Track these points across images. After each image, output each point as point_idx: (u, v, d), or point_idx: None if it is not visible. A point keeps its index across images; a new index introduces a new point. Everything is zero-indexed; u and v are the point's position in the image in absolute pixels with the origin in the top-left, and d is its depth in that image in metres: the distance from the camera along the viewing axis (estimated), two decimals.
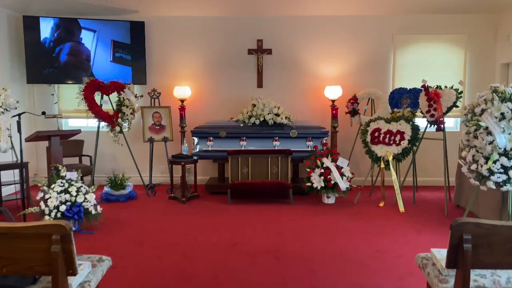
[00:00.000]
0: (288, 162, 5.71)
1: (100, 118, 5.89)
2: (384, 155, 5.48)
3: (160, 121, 6.31)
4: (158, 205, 5.57)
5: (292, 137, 5.93)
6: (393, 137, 5.52)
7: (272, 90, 6.63)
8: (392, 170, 5.43)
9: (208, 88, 6.71)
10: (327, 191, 5.45)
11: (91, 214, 4.49)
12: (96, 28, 6.37)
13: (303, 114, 6.62)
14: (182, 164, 5.62)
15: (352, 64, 6.63)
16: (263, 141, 5.96)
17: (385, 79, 6.64)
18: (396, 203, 5.46)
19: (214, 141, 5.98)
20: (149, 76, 6.65)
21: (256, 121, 6.01)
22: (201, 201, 5.74)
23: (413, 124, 5.49)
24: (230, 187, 5.56)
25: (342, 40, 6.60)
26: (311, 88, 6.66)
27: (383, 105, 6.18)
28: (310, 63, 6.64)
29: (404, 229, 4.53)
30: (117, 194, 5.75)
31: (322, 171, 5.47)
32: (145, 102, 6.49)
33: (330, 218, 4.92)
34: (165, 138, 6.30)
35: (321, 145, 5.94)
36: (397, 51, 6.59)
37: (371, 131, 5.69)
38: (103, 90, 5.95)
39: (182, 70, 6.68)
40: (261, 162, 5.75)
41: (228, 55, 6.65)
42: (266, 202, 5.57)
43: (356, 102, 6.24)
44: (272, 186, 5.55)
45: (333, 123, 6.16)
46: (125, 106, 5.99)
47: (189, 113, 6.60)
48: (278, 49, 6.63)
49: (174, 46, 6.64)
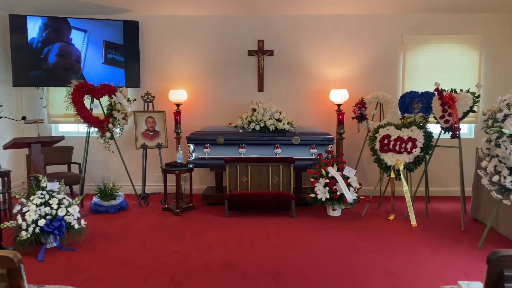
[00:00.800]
0: (291, 171, 5.30)
1: (89, 123, 5.51)
2: (395, 164, 5.06)
3: (154, 126, 5.92)
4: (150, 217, 5.16)
5: (295, 144, 5.52)
6: (404, 145, 5.10)
7: (273, 94, 6.24)
8: (404, 181, 5.01)
9: (206, 91, 6.32)
10: (333, 203, 5.03)
11: (73, 228, 4.10)
12: (87, 28, 6.01)
13: (307, 120, 6.21)
14: (176, 173, 5.22)
15: (359, 66, 6.23)
16: (264, 148, 5.56)
17: (394, 82, 6.23)
18: (407, 216, 5.04)
19: (211, 148, 5.58)
20: (143, 78, 6.27)
21: (256, 126, 5.62)
22: (197, 213, 5.33)
23: (426, 131, 5.07)
24: (228, 198, 5.15)
25: (348, 41, 6.20)
26: (315, 92, 6.26)
27: (393, 110, 5.76)
28: (314, 65, 6.24)
29: (418, 246, 4.10)
30: (107, 205, 5.35)
31: (327, 181, 5.06)
32: (138, 106, 6.11)
33: (336, 233, 4.50)
34: (159, 144, 5.91)
35: (326, 152, 5.53)
36: (407, 53, 6.18)
37: (380, 138, 5.27)
38: (93, 94, 5.58)
39: (178, 72, 6.30)
40: (261, 171, 5.34)
41: (227, 57, 6.27)
42: (266, 215, 5.15)
43: (364, 106, 5.82)
44: (273, 197, 5.13)
45: (339, 129, 5.75)
46: (116, 111, 5.61)
47: (185, 118, 6.21)
48: (280, 50, 6.24)
49: (169, 47, 6.27)
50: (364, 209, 5.25)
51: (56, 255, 3.87)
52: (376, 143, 5.28)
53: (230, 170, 5.33)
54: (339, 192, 5.00)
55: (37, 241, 3.94)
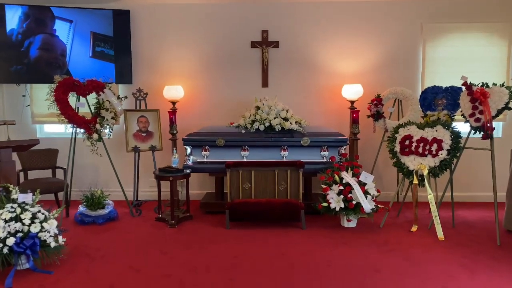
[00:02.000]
0: (299, 176, 4.71)
1: (74, 123, 4.94)
2: (418, 169, 4.46)
3: (146, 127, 5.34)
4: (142, 229, 4.59)
5: (304, 145, 4.93)
6: (428, 147, 4.50)
7: (279, 90, 5.64)
8: (428, 188, 4.41)
9: (204, 87, 5.73)
10: (348, 213, 4.44)
11: (49, 247, 3.53)
12: (72, 18, 5.43)
13: (317, 118, 5.62)
14: (170, 179, 4.64)
15: (374, 58, 5.62)
16: (269, 150, 4.97)
17: (413, 76, 5.62)
18: (431, 226, 4.46)
19: (210, 151, 5.00)
20: (135, 74, 5.69)
21: (261, 126, 5.03)
22: (194, 223, 4.76)
23: (453, 131, 4.47)
24: (229, 208, 4.57)
25: (362, 31, 5.59)
26: (325, 87, 5.66)
27: (413, 107, 5.16)
28: (325, 58, 5.63)
29: (450, 267, 3.51)
30: (94, 215, 4.79)
31: (341, 188, 4.47)
32: (129, 104, 5.53)
33: (353, 250, 3.91)
34: (152, 147, 5.33)
35: (339, 155, 4.94)
36: (427, 43, 5.57)
37: (401, 138, 4.66)
38: (79, 91, 4.99)
39: (174, 67, 5.71)
40: (267, 176, 4.76)
41: (227, 49, 5.67)
42: (272, 226, 4.57)
43: (380, 103, 5.22)
44: (279, 207, 4.55)
45: (353, 128, 5.15)
46: (105, 109, 5.02)
47: (182, 118, 5.62)
48: (286, 42, 5.64)
49: (165, 39, 5.68)
50: (383, 220, 4.66)
51: (28, 279, 3.32)
52: (396, 145, 4.68)
53: (231, 175, 4.75)
54: (355, 201, 4.41)
55: (5, 262, 3.37)
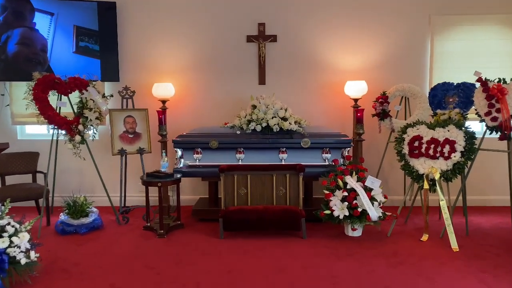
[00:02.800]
0: (299, 181, 4.34)
1: (54, 124, 4.55)
2: (429, 172, 4.09)
3: (134, 127, 4.95)
4: (128, 239, 4.21)
5: (304, 147, 4.55)
6: (440, 148, 4.13)
7: (277, 88, 5.25)
8: (441, 193, 4.04)
9: (196, 85, 5.34)
10: (353, 222, 4.06)
11: (20, 264, 3.14)
12: (54, 10, 5.03)
13: (318, 118, 5.24)
14: (159, 185, 4.26)
15: (379, 53, 5.24)
16: (266, 153, 4.59)
17: (420, 71, 5.25)
18: (443, 235, 4.10)
19: (203, 154, 4.62)
20: (122, 70, 5.29)
21: (257, 127, 4.65)
22: (185, 233, 4.38)
23: (467, 131, 4.10)
24: (223, 216, 4.18)
25: (366, 23, 5.21)
26: (327, 85, 5.28)
27: (422, 105, 4.78)
28: (326, 53, 5.25)
29: (469, 284, 3.14)
30: (76, 223, 4.40)
31: (345, 194, 4.09)
32: (115, 103, 5.14)
33: (360, 263, 3.54)
34: (140, 149, 4.94)
35: (342, 157, 4.56)
36: (436, 37, 5.19)
37: (409, 139, 4.29)
38: (60, 89, 4.60)
39: (164, 63, 5.32)
40: (264, 181, 4.39)
41: (221, 44, 5.29)
42: (270, 236, 4.19)
43: (387, 101, 4.84)
44: (278, 214, 4.17)
45: (357, 128, 4.77)
46: (88, 109, 4.64)
47: (172, 118, 5.23)
48: (284, 36, 5.25)
49: (154, 33, 5.29)
50: (390, 228, 4.28)
51: None
52: (404, 146, 4.31)
53: (225, 180, 4.37)
54: (361, 208, 4.04)
55: None
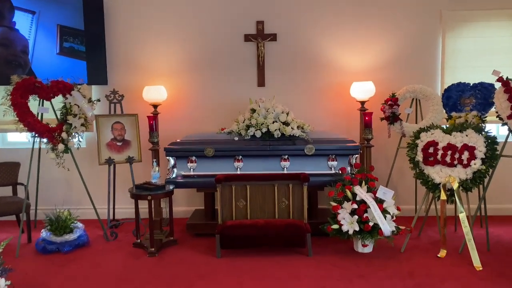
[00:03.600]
0: (304, 192, 3.95)
1: (35, 132, 4.17)
2: (446, 182, 3.71)
3: (122, 134, 4.56)
4: (115, 258, 3.82)
5: (308, 154, 4.17)
6: (458, 155, 3.75)
7: (278, 90, 4.87)
8: (460, 205, 3.66)
9: (190, 88, 4.96)
10: (364, 237, 3.68)
11: None
12: (35, 8, 4.65)
13: (322, 122, 4.86)
14: (148, 198, 3.87)
15: (387, 52, 4.87)
16: (267, 161, 4.21)
17: (431, 71, 4.88)
18: (463, 250, 3.73)
19: (197, 162, 4.23)
20: (111, 73, 4.91)
21: (257, 132, 4.27)
22: (179, 250, 3.99)
23: (487, 135, 3.73)
24: (220, 232, 3.79)
25: (373, 20, 4.84)
26: (331, 86, 4.91)
27: (435, 108, 4.40)
28: (330, 52, 4.88)
29: None
30: (59, 241, 4.00)
31: (354, 206, 3.71)
32: (103, 108, 4.76)
33: (373, 285, 3.15)
34: (129, 158, 4.55)
35: (350, 165, 4.18)
36: (447, 33, 4.82)
37: (424, 145, 3.91)
38: (41, 93, 4.23)
39: (156, 64, 4.94)
40: (265, 192, 4.00)
41: (217, 43, 4.91)
42: (272, 254, 3.80)
43: (396, 103, 4.47)
44: (280, 229, 3.78)
45: (366, 133, 4.38)
46: (72, 115, 4.25)
47: (164, 123, 4.85)
48: (285, 34, 4.88)
49: (144, 33, 4.91)
50: (404, 243, 3.90)
51: None
52: (418, 153, 3.93)
53: (222, 191, 3.99)
54: (372, 222, 3.65)
55: None
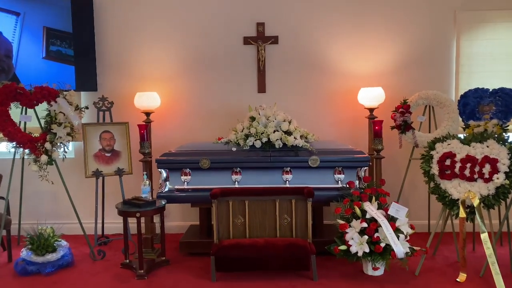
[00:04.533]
0: (308, 208, 3.60)
1: (16, 142, 3.85)
2: (465, 198, 3.36)
3: (111, 145, 4.23)
4: (100, 282, 3.47)
5: (313, 167, 3.82)
6: (478, 168, 3.40)
7: (279, 96, 4.55)
8: (482, 224, 3.30)
9: (186, 94, 4.64)
10: (375, 259, 3.32)
11: None
12: (19, 9, 4.35)
13: (327, 131, 4.53)
14: (137, 216, 3.53)
15: (397, 56, 4.55)
16: (268, 173, 3.86)
17: (444, 76, 4.56)
18: (485, 273, 3.36)
19: (192, 175, 3.89)
20: (100, 78, 4.60)
21: (257, 142, 3.93)
22: (171, 272, 3.64)
23: (511, 146, 3.38)
24: (215, 253, 3.44)
25: (381, 23, 4.53)
26: (337, 92, 4.58)
27: (451, 116, 4.07)
28: (336, 56, 4.56)
29: None
30: (41, 261, 3.66)
31: (364, 225, 3.36)
32: (91, 116, 4.44)
33: None
34: (119, 170, 4.21)
35: (358, 179, 3.83)
36: (462, 36, 4.50)
37: (439, 157, 3.56)
38: (23, 100, 3.93)
39: (149, 69, 4.63)
40: (265, 208, 3.65)
41: (214, 47, 4.60)
42: (272, 277, 3.44)
43: (408, 111, 4.13)
44: (282, 250, 3.42)
45: (375, 143, 4.03)
46: (57, 124, 3.93)
47: (158, 132, 4.54)
48: (287, 37, 4.57)
49: (137, 36, 4.61)
50: (419, 265, 3.53)
51: None
52: (433, 165, 3.57)
53: (218, 207, 3.64)
54: (384, 243, 3.30)
55: None
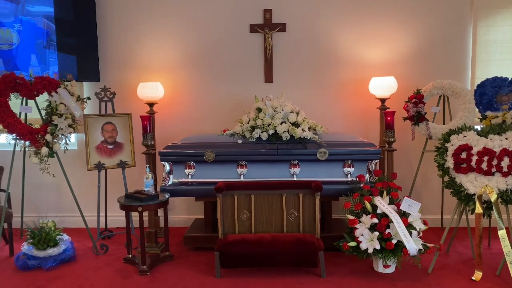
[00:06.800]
0: (316, 202, 3.46)
1: (16, 133, 3.76)
2: (481, 193, 3.19)
3: (114, 136, 4.11)
4: (102, 277, 3.38)
5: (321, 160, 3.68)
6: (496, 161, 3.23)
7: (287, 86, 4.39)
8: (499, 220, 3.14)
9: (190, 85, 4.50)
10: (386, 257, 3.18)
11: None
12: None
13: (337, 123, 4.37)
14: (139, 210, 3.42)
15: (409, 44, 4.35)
16: (274, 166, 3.73)
17: (460, 65, 4.35)
18: (501, 272, 3.21)
19: (196, 168, 3.77)
20: (103, 68, 4.47)
21: (263, 134, 3.79)
22: (175, 267, 3.54)
23: None
24: (220, 249, 3.33)
25: (393, 9, 4.33)
26: (347, 82, 4.41)
27: (467, 106, 3.88)
28: (346, 44, 4.38)
29: None
30: (42, 256, 3.58)
31: (374, 221, 3.21)
32: (93, 107, 4.32)
33: None
34: (121, 163, 4.10)
35: (369, 172, 3.68)
36: (479, 22, 4.29)
37: (455, 150, 3.39)
38: (23, 91, 3.83)
39: (152, 58, 4.49)
40: (271, 202, 3.52)
41: (220, 35, 4.44)
42: (279, 274, 3.32)
43: (422, 101, 3.95)
44: (289, 246, 3.29)
45: (387, 135, 3.86)
46: (58, 115, 3.83)
47: (161, 124, 4.41)
48: (295, 24, 4.39)
49: (140, 24, 4.46)
50: (432, 262, 3.38)
51: None
52: (448, 158, 3.41)
53: (223, 201, 3.51)
54: (395, 239, 3.15)
55: None
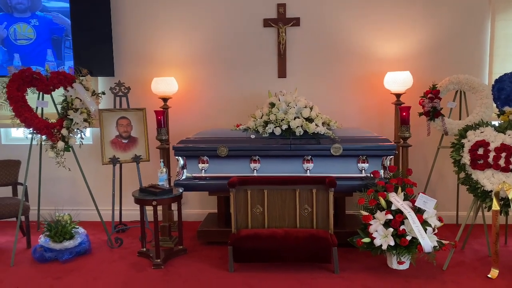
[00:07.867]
0: (329, 198, 3.44)
1: (33, 128, 3.81)
2: (499, 189, 3.14)
3: (128, 131, 4.15)
4: (117, 270, 3.43)
5: (335, 155, 3.65)
6: None
7: (300, 81, 4.37)
8: None
9: (204, 80, 4.50)
10: (400, 253, 3.15)
11: None
12: None
13: (351, 118, 4.34)
14: (153, 204, 3.44)
15: (426, 38, 4.28)
16: (288, 162, 3.71)
17: (477, 59, 4.27)
18: None
19: (209, 163, 3.78)
20: (117, 63, 4.50)
21: (276, 129, 3.78)
22: (188, 261, 3.56)
23: None
24: (233, 243, 3.34)
25: (409, 2, 4.26)
26: (362, 77, 4.36)
27: (484, 102, 3.81)
28: (360, 38, 4.33)
29: None
30: (58, 248, 3.64)
31: (389, 217, 3.19)
32: (108, 102, 4.36)
33: None
34: (136, 157, 4.13)
35: (383, 168, 3.64)
36: (498, 15, 4.20)
37: (471, 146, 3.34)
38: (40, 86, 3.88)
39: (166, 53, 4.50)
40: (285, 197, 3.52)
41: (233, 30, 4.43)
42: (292, 269, 3.32)
43: (438, 97, 3.89)
44: (302, 241, 3.29)
45: (402, 131, 3.82)
46: (73, 110, 3.87)
47: (175, 119, 4.43)
48: (309, 18, 4.35)
49: (154, 19, 4.47)
50: (447, 259, 3.35)
51: None
52: (464, 155, 3.36)
53: (236, 196, 3.52)
54: (410, 236, 3.12)
55: None
